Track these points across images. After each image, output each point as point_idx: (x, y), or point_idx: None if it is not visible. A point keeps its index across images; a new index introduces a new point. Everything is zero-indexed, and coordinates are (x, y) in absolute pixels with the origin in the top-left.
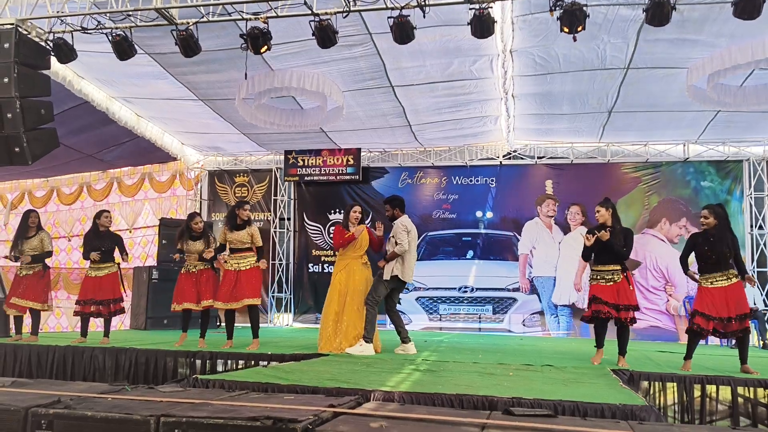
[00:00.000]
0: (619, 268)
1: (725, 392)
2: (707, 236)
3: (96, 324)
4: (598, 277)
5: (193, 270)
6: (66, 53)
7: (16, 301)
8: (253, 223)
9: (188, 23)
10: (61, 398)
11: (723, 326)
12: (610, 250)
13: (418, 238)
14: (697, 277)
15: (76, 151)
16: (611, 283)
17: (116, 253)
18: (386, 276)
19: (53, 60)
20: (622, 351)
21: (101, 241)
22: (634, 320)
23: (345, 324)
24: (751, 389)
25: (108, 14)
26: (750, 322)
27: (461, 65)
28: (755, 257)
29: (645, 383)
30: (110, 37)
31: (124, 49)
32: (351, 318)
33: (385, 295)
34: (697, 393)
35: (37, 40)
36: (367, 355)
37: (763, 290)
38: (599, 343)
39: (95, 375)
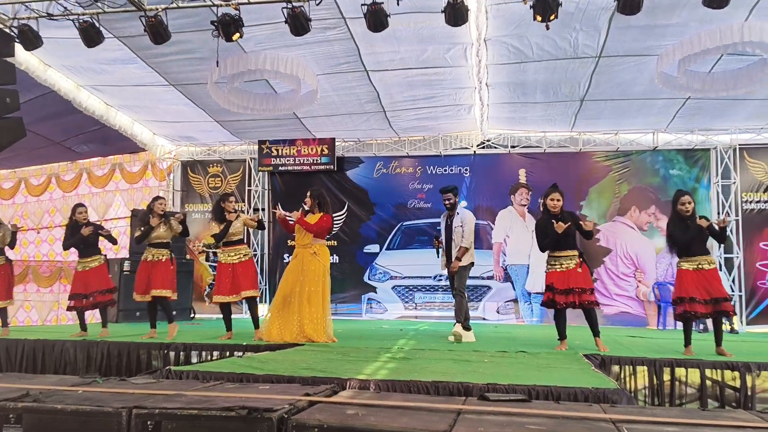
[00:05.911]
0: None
1: (694, 375)
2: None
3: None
4: (556, 264)
5: (152, 259)
6: (31, 40)
7: None
8: (241, 214)
9: (157, 9)
10: (29, 391)
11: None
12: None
13: (394, 228)
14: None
15: (43, 138)
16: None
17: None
18: (465, 263)
19: (18, 48)
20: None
21: (81, 235)
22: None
23: (299, 311)
24: (719, 372)
25: (74, 0)
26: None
27: (435, 53)
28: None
29: (616, 367)
30: (77, 24)
31: (91, 35)
32: (302, 304)
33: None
34: (666, 377)
35: (0, 26)
36: (472, 341)
37: (729, 276)
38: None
39: (66, 369)
